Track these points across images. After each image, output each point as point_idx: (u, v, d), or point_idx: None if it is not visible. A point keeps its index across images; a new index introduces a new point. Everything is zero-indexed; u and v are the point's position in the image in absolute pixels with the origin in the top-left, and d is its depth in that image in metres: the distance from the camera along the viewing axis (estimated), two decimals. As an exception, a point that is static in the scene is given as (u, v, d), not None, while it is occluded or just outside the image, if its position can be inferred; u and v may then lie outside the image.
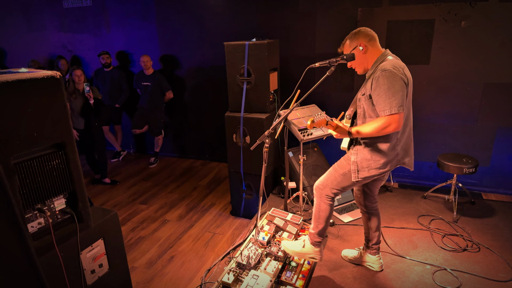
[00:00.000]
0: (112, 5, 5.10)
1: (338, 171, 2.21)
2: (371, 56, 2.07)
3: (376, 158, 2.06)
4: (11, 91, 1.22)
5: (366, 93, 2.02)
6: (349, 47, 2.11)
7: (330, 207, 2.26)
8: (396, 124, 1.87)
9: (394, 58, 2.03)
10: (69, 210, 1.51)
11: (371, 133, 1.96)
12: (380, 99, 1.90)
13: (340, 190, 2.22)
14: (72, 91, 4.17)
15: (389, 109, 1.87)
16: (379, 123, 1.91)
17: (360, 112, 2.13)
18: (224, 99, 3.80)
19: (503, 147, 3.58)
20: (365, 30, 2.09)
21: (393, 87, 1.86)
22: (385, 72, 1.89)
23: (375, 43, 2.07)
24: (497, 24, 3.27)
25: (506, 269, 2.47)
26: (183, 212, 3.86)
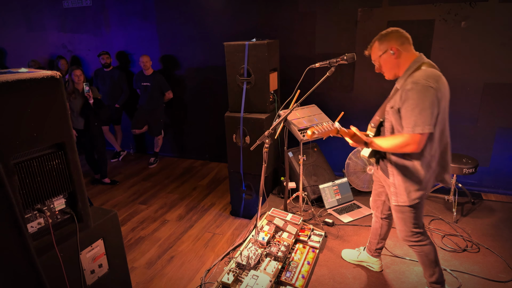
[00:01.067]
0: (112, 5, 5.10)
1: (398, 210, 2.01)
2: (403, 62, 1.87)
3: (413, 180, 1.88)
4: (11, 91, 1.22)
5: (395, 106, 1.83)
6: (378, 50, 1.91)
7: (430, 245, 2.03)
8: (415, 146, 1.72)
9: (429, 66, 1.82)
10: (69, 210, 1.51)
11: (388, 149, 1.84)
12: (406, 114, 1.74)
13: (417, 222, 1.99)
14: (71, 91, 4.17)
15: (412, 128, 1.71)
16: (398, 140, 1.77)
17: (387, 125, 1.95)
18: (224, 99, 3.80)
19: (503, 147, 3.58)
20: (397, 31, 1.88)
21: (422, 103, 1.69)
22: (417, 86, 1.71)
23: (408, 47, 1.87)
24: (497, 24, 3.27)
25: (506, 270, 2.47)
26: (183, 212, 3.85)
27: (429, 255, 2.03)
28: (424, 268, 2.10)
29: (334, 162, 3.89)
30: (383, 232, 2.36)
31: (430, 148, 1.83)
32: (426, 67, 1.81)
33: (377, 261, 2.49)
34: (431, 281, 2.10)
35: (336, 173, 3.81)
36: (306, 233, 2.84)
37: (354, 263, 2.59)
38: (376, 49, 1.92)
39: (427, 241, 2.02)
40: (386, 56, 1.88)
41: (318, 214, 3.29)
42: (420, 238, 2.01)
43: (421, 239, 2.01)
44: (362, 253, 2.55)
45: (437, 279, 2.07)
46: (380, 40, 1.90)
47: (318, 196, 3.46)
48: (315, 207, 3.41)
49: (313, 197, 3.46)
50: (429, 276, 2.09)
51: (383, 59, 1.90)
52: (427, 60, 1.88)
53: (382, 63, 1.92)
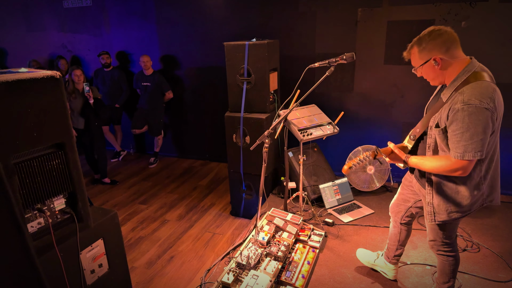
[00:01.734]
0: (112, 5, 5.10)
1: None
2: (450, 71, 1.65)
3: (456, 201, 1.73)
4: (11, 91, 1.22)
5: (441, 124, 1.63)
6: (418, 59, 1.68)
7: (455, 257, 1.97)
8: (463, 172, 1.58)
9: (483, 79, 1.58)
10: (69, 210, 1.51)
11: (432, 171, 1.71)
12: (454, 137, 1.56)
13: (451, 234, 1.91)
14: (71, 91, 4.17)
15: (461, 154, 1.54)
16: (444, 163, 1.61)
17: (430, 142, 1.76)
18: (224, 99, 3.80)
19: (503, 147, 3.56)
20: (441, 35, 1.60)
21: (474, 128, 1.49)
22: (468, 107, 1.49)
23: (455, 52, 1.62)
24: (497, 24, 3.27)
25: (506, 270, 2.47)
26: (183, 212, 3.86)
27: (452, 266, 1.98)
28: (440, 274, 2.05)
29: (334, 162, 3.89)
30: (402, 239, 2.27)
31: (480, 169, 1.68)
32: (478, 77, 1.58)
33: (393, 269, 2.39)
34: (442, 287, 2.07)
35: (336, 173, 3.81)
36: (306, 233, 2.84)
37: (368, 265, 2.51)
38: (416, 56, 1.69)
39: (455, 252, 1.96)
40: (428, 67, 1.66)
41: (318, 214, 3.29)
42: (450, 249, 1.95)
43: (450, 250, 1.95)
44: (380, 258, 2.45)
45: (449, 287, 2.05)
46: (420, 46, 1.65)
47: (318, 196, 3.46)
48: (315, 207, 3.41)
49: (313, 197, 3.46)
50: (442, 282, 2.05)
51: (425, 69, 1.69)
52: (479, 67, 1.65)
53: (424, 72, 1.71)
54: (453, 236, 1.93)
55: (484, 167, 1.70)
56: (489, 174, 1.72)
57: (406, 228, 2.24)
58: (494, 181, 1.76)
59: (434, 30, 1.63)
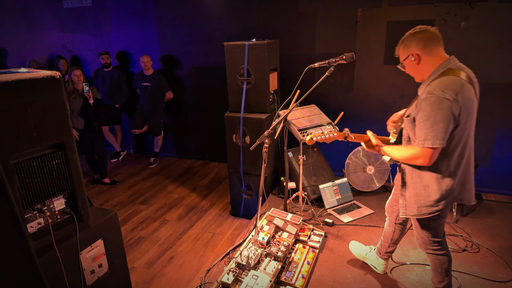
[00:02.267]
0: (112, 5, 5.10)
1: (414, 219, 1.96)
2: (426, 67, 1.74)
3: (426, 196, 1.79)
4: (11, 91, 1.22)
5: (411, 114, 1.74)
6: (401, 55, 1.83)
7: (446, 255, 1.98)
8: (426, 160, 1.65)
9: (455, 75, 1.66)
10: (69, 210, 1.51)
11: (399, 159, 1.81)
12: (418, 126, 1.66)
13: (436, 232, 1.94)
14: (71, 91, 4.17)
15: (422, 141, 1.63)
16: (409, 152, 1.71)
17: (404, 133, 1.88)
18: (224, 99, 3.80)
19: (503, 147, 3.58)
20: (420, 32, 1.72)
21: (434, 116, 1.59)
22: (431, 97, 1.60)
23: (432, 50, 1.71)
24: (497, 25, 3.27)
25: (505, 270, 2.47)
26: (183, 212, 3.86)
27: (443, 264, 2.00)
28: (434, 274, 2.07)
29: (334, 162, 3.89)
30: (396, 237, 2.30)
31: (448, 164, 1.73)
32: (452, 74, 1.66)
33: (383, 264, 2.44)
34: (438, 286, 2.08)
35: (336, 173, 3.81)
36: (306, 233, 2.84)
37: (359, 258, 2.55)
38: (401, 52, 1.83)
39: (445, 251, 1.98)
40: (408, 63, 1.79)
41: (318, 214, 3.29)
42: (438, 248, 1.96)
43: (439, 248, 1.96)
44: (372, 252, 2.49)
45: (445, 286, 2.05)
46: (402, 43, 1.80)
47: (318, 196, 3.46)
48: (315, 207, 3.41)
49: (313, 197, 3.46)
50: (437, 282, 2.06)
51: (406, 64, 1.82)
52: (456, 65, 1.72)
53: (406, 67, 1.84)
54: (440, 235, 1.95)
55: (454, 163, 1.73)
56: (459, 171, 1.76)
57: (400, 228, 2.27)
58: (465, 179, 1.80)
59: (418, 28, 1.75)
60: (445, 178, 1.75)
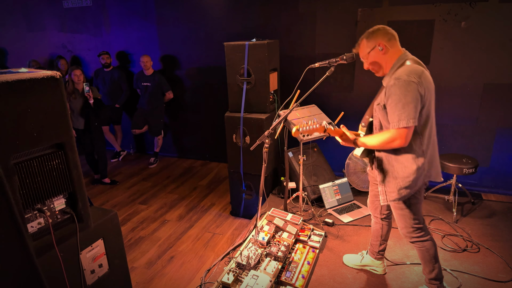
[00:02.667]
0: (112, 5, 5.10)
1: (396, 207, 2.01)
2: (390, 59, 1.89)
3: (404, 176, 1.88)
4: (11, 91, 1.22)
5: (381, 102, 1.87)
6: (366, 47, 1.93)
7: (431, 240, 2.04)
8: (402, 140, 1.75)
9: (413, 62, 1.84)
10: (69, 210, 1.51)
11: (376, 146, 1.88)
12: (390, 110, 1.78)
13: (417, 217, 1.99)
14: (71, 91, 4.17)
15: (397, 122, 1.74)
16: (385, 136, 1.81)
17: (376, 123, 1.98)
18: (224, 99, 3.80)
19: (503, 147, 3.58)
20: (384, 28, 1.90)
21: (404, 98, 1.72)
22: (398, 81, 1.74)
23: (395, 43, 1.89)
24: (497, 24, 3.27)
25: (506, 270, 2.47)
26: (183, 212, 3.86)
27: (430, 250, 2.04)
28: (424, 264, 2.11)
29: (334, 162, 3.89)
30: (384, 233, 2.34)
31: (420, 143, 1.85)
32: (411, 63, 1.83)
33: (380, 264, 2.46)
34: (430, 277, 2.11)
35: (336, 173, 3.81)
36: (306, 233, 2.84)
37: (357, 268, 2.53)
38: (365, 46, 1.93)
39: (428, 236, 2.04)
40: (374, 53, 1.90)
41: (318, 214, 3.29)
42: (422, 234, 2.02)
43: (422, 234, 2.02)
44: (365, 257, 2.50)
45: (436, 275, 2.09)
46: (368, 37, 1.91)
47: (318, 196, 3.46)
48: (315, 207, 3.41)
49: (313, 197, 3.46)
50: (428, 272, 2.11)
51: (371, 56, 1.92)
52: (412, 57, 1.90)
53: (371, 59, 1.93)
54: (421, 220, 2.01)
55: (425, 141, 1.85)
56: (429, 150, 1.88)
57: (387, 222, 2.32)
58: (432, 157, 1.92)
59: (378, 26, 1.93)
60: (420, 157, 1.86)
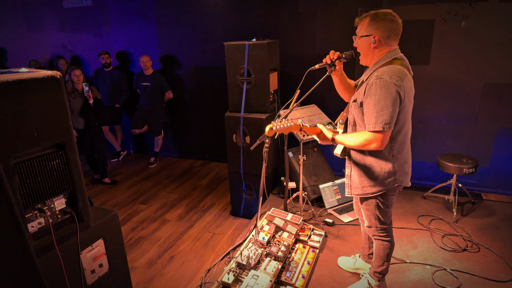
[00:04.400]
0: (112, 5, 5.10)
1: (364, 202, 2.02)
2: (378, 53, 1.80)
3: (369, 176, 1.89)
4: (11, 91, 1.22)
5: (358, 99, 1.80)
6: (363, 29, 1.79)
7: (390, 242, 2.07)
8: (378, 143, 1.70)
9: (399, 64, 1.75)
10: (69, 210, 1.51)
11: (352, 146, 1.85)
12: (368, 110, 1.71)
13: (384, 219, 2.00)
14: (71, 91, 4.17)
15: (373, 125, 1.68)
16: (361, 138, 1.75)
17: (350, 119, 1.94)
18: (224, 99, 3.80)
19: (503, 147, 3.58)
20: (392, 21, 1.74)
21: (384, 100, 1.65)
22: (380, 81, 1.66)
23: (391, 42, 1.77)
24: (497, 24, 3.27)
25: (506, 269, 2.47)
26: (183, 212, 3.86)
27: (386, 249, 2.09)
28: (376, 257, 2.15)
29: (334, 162, 3.88)
30: None
31: (390, 147, 1.82)
32: (395, 63, 1.75)
33: None
34: (376, 270, 2.18)
35: (336, 173, 3.81)
36: (306, 233, 2.84)
37: (350, 271, 2.52)
38: (364, 27, 1.79)
39: (390, 238, 2.08)
40: (366, 41, 1.79)
41: (318, 214, 3.29)
42: (384, 234, 2.06)
43: (385, 235, 2.06)
44: (358, 260, 2.49)
45: (382, 270, 2.16)
46: (372, 20, 1.75)
47: (318, 196, 3.46)
48: (315, 207, 3.41)
49: (313, 197, 3.46)
50: (377, 266, 2.16)
51: (362, 41, 1.82)
52: (400, 55, 1.82)
53: (360, 45, 1.84)
54: (388, 222, 2.04)
55: (396, 146, 1.82)
56: (400, 155, 1.85)
57: None
58: (404, 163, 1.90)
59: (391, 14, 1.76)
60: (387, 161, 1.84)
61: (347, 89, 2.13)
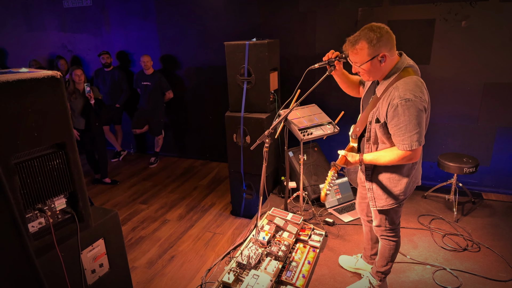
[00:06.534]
0: (112, 5, 5.10)
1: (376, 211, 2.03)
2: (387, 67, 1.73)
3: (392, 185, 1.89)
4: (12, 91, 1.22)
5: (381, 119, 1.74)
6: (365, 54, 1.67)
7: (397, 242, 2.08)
8: (416, 158, 1.74)
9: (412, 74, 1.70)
10: (70, 210, 1.51)
11: (388, 163, 1.80)
12: (399, 131, 1.68)
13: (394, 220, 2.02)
14: (72, 91, 4.17)
15: (409, 144, 1.67)
16: (398, 156, 1.73)
17: (369, 136, 1.89)
18: (224, 99, 3.80)
19: (503, 147, 3.57)
20: (387, 32, 1.67)
21: (415, 120, 1.63)
22: (406, 102, 1.61)
23: (393, 50, 1.70)
24: (498, 24, 3.27)
25: (506, 269, 2.47)
26: (183, 212, 3.86)
27: (392, 250, 2.09)
28: (380, 257, 2.15)
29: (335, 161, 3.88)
30: (374, 236, 2.31)
31: None
32: (408, 73, 1.70)
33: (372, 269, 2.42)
34: (379, 270, 2.17)
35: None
36: (307, 232, 2.84)
37: (351, 270, 2.52)
38: (364, 51, 1.67)
39: (397, 238, 2.08)
40: (374, 62, 1.68)
41: (319, 214, 3.29)
42: (392, 234, 2.06)
43: (393, 235, 2.06)
44: (360, 260, 2.49)
45: (385, 271, 2.16)
46: (370, 42, 1.64)
47: (318, 195, 3.46)
48: (315, 207, 3.41)
49: (314, 197, 3.46)
50: (380, 266, 2.16)
51: (367, 66, 1.70)
52: (408, 62, 1.76)
53: (366, 68, 1.71)
54: (397, 222, 2.05)
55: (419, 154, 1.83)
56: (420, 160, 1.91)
57: None
58: (420, 165, 1.97)
59: (380, 26, 1.66)
60: (410, 170, 1.87)
61: (350, 86, 2.14)
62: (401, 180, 1.87)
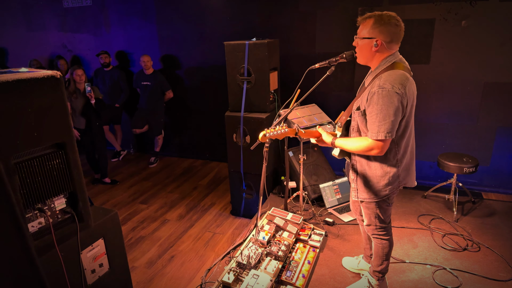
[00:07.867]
0: (112, 4, 5.10)
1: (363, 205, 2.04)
2: (378, 57, 1.79)
3: (375, 181, 1.90)
4: (11, 91, 1.22)
5: (361, 107, 1.81)
6: (366, 30, 1.78)
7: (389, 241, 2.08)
8: (379, 150, 1.73)
9: (400, 69, 1.74)
10: (70, 209, 1.51)
11: (352, 151, 1.87)
12: (370, 118, 1.73)
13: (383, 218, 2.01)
14: (73, 91, 4.17)
15: (375, 134, 1.70)
16: (363, 144, 1.77)
17: (353, 125, 1.94)
18: (224, 98, 3.79)
19: (503, 146, 3.58)
20: (396, 27, 1.73)
21: (386, 110, 1.65)
22: (382, 91, 1.65)
23: (392, 46, 1.76)
24: (497, 24, 3.27)
25: (506, 269, 2.47)
26: (183, 211, 3.86)
27: (385, 248, 2.09)
28: (375, 257, 2.16)
29: (335, 161, 3.87)
30: None
31: (395, 153, 1.84)
32: (396, 67, 1.73)
33: None
34: (375, 269, 2.18)
35: (337, 173, 3.81)
36: (307, 232, 2.84)
37: (354, 271, 2.52)
38: (367, 28, 1.77)
39: (388, 236, 2.08)
40: (368, 43, 1.77)
41: (319, 214, 3.29)
42: (383, 233, 2.06)
43: (384, 233, 2.06)
44: (362, 261, 2.50)
45: (382, 269, 2.16)
46: (375, 23, 1.75)
47: (318, 195, 3.46)
48: (315, 207, 3.41)
49: (314, 197, 3.46)
50: (376, 265, 2.17)
51: (363, 44, 1.80)
52: (400, 57, 1.81)
53: (360, 46, 1.82)
54: (387, 221, 2.04)
55: (400, 151, 1.84)
56: (404, 159, 1.88)
57: None
58: (409, 166, 1.93)
59: (395, 18, 1.76)
60: (392, 166, 1.86)
61: None
62: (384, 176, 1.87)
